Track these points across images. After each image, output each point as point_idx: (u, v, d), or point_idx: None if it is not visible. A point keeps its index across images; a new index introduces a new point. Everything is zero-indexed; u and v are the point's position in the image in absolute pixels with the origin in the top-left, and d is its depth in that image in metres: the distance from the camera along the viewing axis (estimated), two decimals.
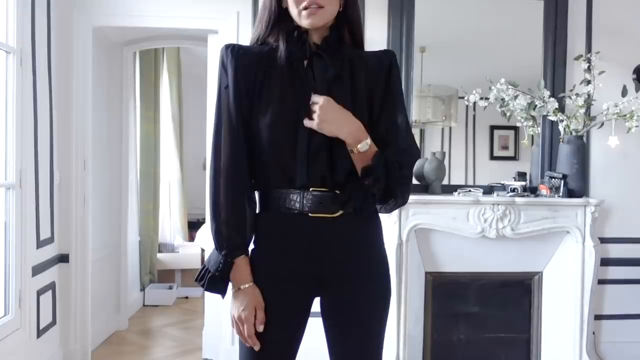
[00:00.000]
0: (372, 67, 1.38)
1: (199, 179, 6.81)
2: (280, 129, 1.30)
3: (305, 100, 1.30)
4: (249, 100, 1.33)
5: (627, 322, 3.37)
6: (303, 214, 1.31)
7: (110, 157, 3.77)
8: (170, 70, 5.26)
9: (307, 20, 1.30)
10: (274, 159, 1.32)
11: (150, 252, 4.76)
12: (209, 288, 1.35)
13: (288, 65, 1.33)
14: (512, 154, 3.57)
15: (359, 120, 1.31)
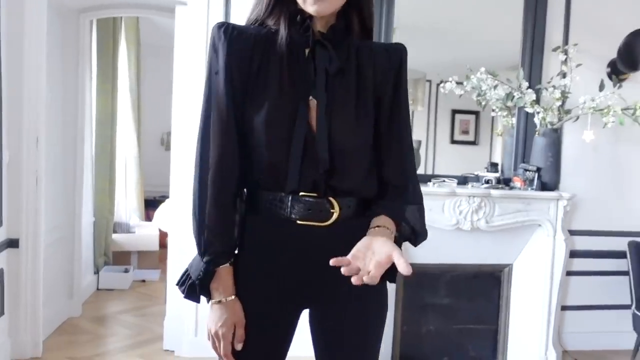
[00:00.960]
0: (382, 61, 1.25)
1: (156, 155, 6.56)
2: (275, 126, 1.16)
3: (303, 97, 1.17)
4: (242, 88, 1.18)
5: (590, 313, 3.43)
6: (291, 221, 1.18)
7: (63, 133, 3.51)
8: (128, 40, 4.97)
9: (313, 6, 1.14)
10: (265, 159, 1.18)
11: (105, 233, 4.53)
12: (188, 296, 1.22)
13: (288, 53, 1.18)
14: (472, 139, 3.55)
15: (366, 114, 1.21)
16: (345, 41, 1.22)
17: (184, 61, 3.11)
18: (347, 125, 1.19)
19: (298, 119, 1.16)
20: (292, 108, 1.16)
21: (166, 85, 5.64)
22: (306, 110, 1.16)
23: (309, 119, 1.17)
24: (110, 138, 4.51)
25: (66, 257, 3.64)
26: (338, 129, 1.18)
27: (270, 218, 1.20)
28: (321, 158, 1.16)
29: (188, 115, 3.07)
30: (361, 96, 1.22)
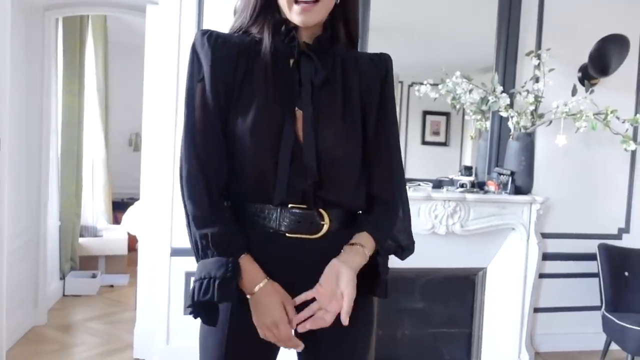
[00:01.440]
0: (367, 71, 1.23)
1: (124, 156, 6.41)
2: (261, 136, 1.12)
3: (288, 108, 1.14)
4: (226, 97, 1.14)
5: (561, 315, 3.47)
6: (280, 234, 1.15)
7: (28, 134, 3.38)
8: (95, 38, 4.83)
9: (299, 17, 1.12)
10: (251, 169, 1.14)
11: (72, 237, 4.39)
12: (221, 297, 1.08)
13: (272, 62, 1.15)
14: (442, 140, 3.56)
15: (353, 124, 1.18)
16: (330, 51, 1.20)
17: (154, 61, 3.03)
18: (334, 136, 1.16)
19: (285, 128, 1.13)
20: (278, 118, 1.13)
21: (135, 84, 5.51)
22: (292, 121, 1.14)
23: (296, 130, 1.14)
24: (77, 139, 4.37)
25: (31, 263, 3.51)
26: (325, 139, 1.15)
27: (258, 231, 1.16)
28: (309, 168, 1.13)
29: (159, 116, 2.99)
30: (347, 106, 1.20)
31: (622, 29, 3.22)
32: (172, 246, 3.01)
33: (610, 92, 3.32)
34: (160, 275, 3.01)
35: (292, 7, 1.13)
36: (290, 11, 1.13)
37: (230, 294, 1.09)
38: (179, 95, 2.97)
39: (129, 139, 6.65)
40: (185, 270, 3.01)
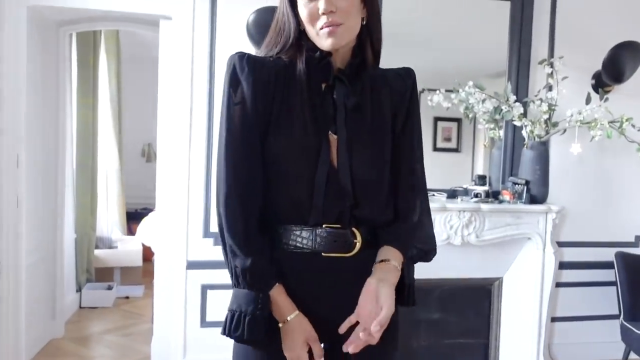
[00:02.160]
0: (396, 87, 1.29)
1: (137, 166, 6.47)
2: (298, 160, 1.18)
3: (323, 132, 1.19)
4: (264, 120, 1.19)
5: (579, 324, 3.44)
6: (316, 253, 1.18)
7: (43, 150, 3.42)
8: (108, 51, 4.88)
9: (327, 40, 1.17)
10: (287, 193, 1.19)
11: (87, 249, 4.43)
12: (250, 335, 1.14)
13: (307, 87, 1.20)
14: (454, 146, 3.55)
15: (385, 146, 1.24)
16: (360, 75, 1.25)
17: (169, 74, 3.05)
18: (366, 158, 1.22)
19: (321, 153, 1.18)
20: (315, 142, 1.18)
21: (147, 95, 5.58)
22: (328, 145, 1.19)
23: (330, 154, 1.19)
24: (91, 152, 4.42)
25: (48, 277, 3.54)
26: (358, 162, 1.20)
27: (293, 251, 1.20)
28: (345, 191, 1.18)
29: (174, 128, 3.02)
30: (378, 128, 1.25)
31: (635, 36, 3.19)
32: (187, 259, 3.02)
33: (625, 99, 3.30)
34: (177, 288, 3.03)
35: (319, 33, 1.17)
36: (318, 37, 1.18)
37: (258, 332, 1.13)
38: (192, 108, 3.00)
39: (141, 149, 6.71)
40: (201, 283, 3.03)
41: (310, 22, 1.18)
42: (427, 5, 3.26)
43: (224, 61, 3.03)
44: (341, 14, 1.16)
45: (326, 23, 1.16)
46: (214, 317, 3.03)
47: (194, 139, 3.02)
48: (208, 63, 2.98)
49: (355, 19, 1.20)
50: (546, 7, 3.28)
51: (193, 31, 2.96)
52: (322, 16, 1.16)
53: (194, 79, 3.00)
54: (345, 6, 1.17)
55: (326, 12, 1.15)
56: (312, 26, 1.19)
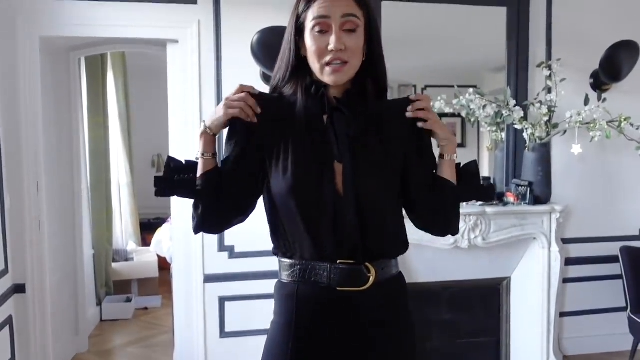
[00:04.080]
0: (401, 117, 1.29)
1: (148, 177, 6.53)
2: (302, 195, 1.20)
3: (326, 162, 1.22)
4: (266, 158, 1.25)
5: (587, 318, 3.53)
6: (331, 288, 1.23)
7: (60, 172, 3.53)
8: (115, 69, 4.98)
9: (330, 77, 1.22)
10: (297, 228, 1.23)
11: (106, 263, 4.55)
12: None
13: (307, 121, 1.24)
14: (459, 141, 3.62)
15: (392, 174, 1.27)
16: (362, 103, 1.27)
17: (177, 92, 3.14)
18: (374, 186, 1.23)
19: (325, 184, 1.20)
20: (317, 174, 1.21)
21: (154, 106, 5.68)
22: (332, 175, 1.21)
23: (335, 183, 1.21)
24: (104, 169, 4.53)
25: (70, 294, 3.67)
26: (365, 190, 1.21)
27: (310, 285, 1.24)
28: (350, 221, 1.20)
29: (184, 141, 3.11)
30: (384, 155, 1.26)
31: (631, 35, 3.26)
32: (204, 273, 3.13)
33: (623, 97, 3.37)
34: (196, 301, 3.14)
35: (324, 69, 1.22)
36: (321, 72, 1.23)
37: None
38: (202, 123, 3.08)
39: (151, 160, 6.82)
40: (218, 295, 3.14)
41: (317, 56, 1.21)
42: (426, 11, 3.32)
43: (231, 78, 3.14)
44: (348, 53, 1.21)
45: (333, 58, 1.20)
46: (233, 328, 3.14)
47: None
48: (215, 80, 3.07)
49: (359, 58, 1.24)
50: (542, 11, 3.35)
51: (200, 52, 3.05)
52: (331, 52, 1.20)
53: (202, 95, 3.09)
54: (353, 45, 1.21)
55: (336, 49, 1.19)
56: (317, 60, 1.22)
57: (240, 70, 3.04)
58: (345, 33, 1.21)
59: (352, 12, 1.22)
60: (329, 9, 1.20)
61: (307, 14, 1.23)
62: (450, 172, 1.32)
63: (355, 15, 1.22)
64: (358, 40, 1.23)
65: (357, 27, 1.23)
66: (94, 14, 2.91)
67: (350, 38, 1.21)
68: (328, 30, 1.21)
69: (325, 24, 1.21)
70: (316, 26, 1.21)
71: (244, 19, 3.02)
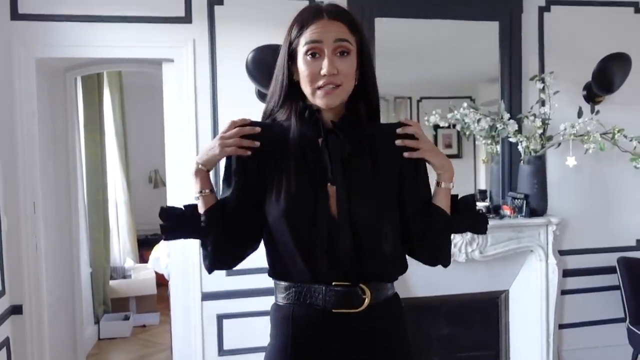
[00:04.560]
0: (394, 140, 1.30)
1: (145, 193, 6.58)
2: (296, 219, 1.22)
3: (320, 185, 1.23)
4: (259, 185, 1.26)
5: (587, 329, 3.52)
6: (326, 310, 1.23)
7: (57, 191, 3.54)
8: (111, 87, 5.01)
9: (322, 100, 1.23)
10: (292, 252, 1.23)
11: (103, 281, 4.54)
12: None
13: (301, 145, 1.25)
14: (455, 152, 3.64)
15: (386, 196, 1.26)
16: (356, 127, 1.28)
17: (173, 110, 3.15)
18: (367, 208, 1.23)
19: (318, 207, 1.21)
20: (311, 197, 1.22)
21: (150, 122, 5.71)
22: (325, 198, 1.22)
23: (329, 206, 1.22)
24: (101, 186, 4.54)
25: (68, 313, 3.65)
26: (359, 212, 1.22)
27: (305, 307, 1.24)
28: (343, 243, 1.21)
29: (181, 160, 3.11)
30: (379, 178, 1.27)
31: (622, 47, 3.29)
32: (202, 290, 3.12)
33: (616, 109, 3.38)
34: (194, 319, 3.13)
35: (316, 92, 1.23)
36: (313, 96, 1.24)
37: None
38: (199, 140, 3.09)
39: (148, 176, 6.82)
40: (217, 313, 3.13)
41: (310, 80, 1.22)
42: (419, 26, 3.34)
43: (226, 96, 3.15)
44: (341, 77, 1.22)
45: (325, 82, 1.20)
46: (231, 346, 3.13)
47: None
48: (210, 98, 3.08)
49: (351, 82, 1.25)
50: (533, 24, 3.38)
51: (195, 71, 3.07)
52: (323, 77, 1.20)
53: (198, 113, 3.09)
54: (346, 69, 1.22)
55: (329, 74, 1.20)
56: (309, 84, 1.23)
57: (235, 88, 3.06)
58: (337, 57, 1.22)
59: (345, 37, 1.23)
60: (321, 34, 1.22)
61: (300, 39, 1.24)
62: (445, 201, 1.32)
63: (348, 40, 1.23)
64: (350, 64, 1.24)
65: (350, 51, 1.24)
66: (90, 35, 2.93)
67: (342, 62, 1.22)
68: (321, 55, 1.22)
69: (318, 49, 1.22)
70: (309, 51, 1.22)
71: (238, 38, 3.05)
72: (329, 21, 1.23)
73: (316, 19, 1.23)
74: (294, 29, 1.26)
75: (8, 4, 2.84)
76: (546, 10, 3.40)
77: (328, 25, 1.23)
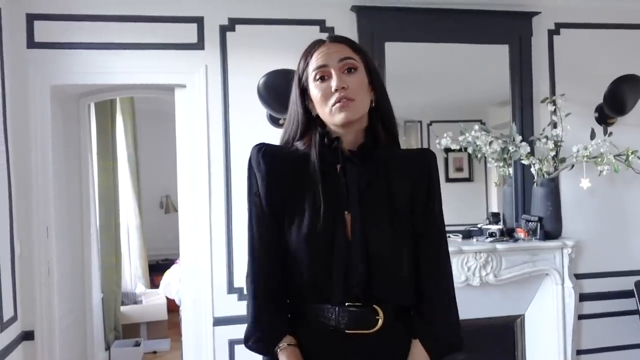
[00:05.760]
0: (412, 169, 1.32)
1: (156, 218, 6.60)
2: (315, 243, 1.24)
3: (338, 212, 1.25)
4: (280, 209, 1.28)
5: (604, 356, 3.43)
6: (339, 331, 1.24)
7: (70, 216, 3.55)
8: (124, 112, 5.07)
9: (340, 114, 1.24)
10: (308, 275, 1.25)
11: (114, 307, 4.52)
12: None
13: (321, 172, 1.27)
14: (467, 175, 3.62)
15: (401, 224, 1.27)
16: (373, 155, 1.29)
17: (185, 135, 3.17)
18: (382, 235, 1.25)
19: (336, 234, 1.23)
20: (330, 224, 1.24)
21: (162, 148, 5.76)
22: (342, 225, 1.24)
23: (346, 232, 1.25)
24: (113, 213, 4.56)
25: (79, 339, 3.64)
26: (373, 239, 1.24)
27: (318, 329, 1.26)
28: (357, 268, 1.23)
29: (193, 185, 3.12)
30: (394, 207, 1.29)
31: (633, 69, 3.28)
32: (214, 315, 3.10)
33: (629, 130, 3.37)
34: (205, 344, 3.10)
35: (332, 109, 1.25)
36: (331, 115, 1.25)
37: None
38: (211, 165, 3.11)
39: (159, 201, 6.85)
40: (228, 338, 3.10)
41: (324, 101, 1.25)
42: (429, 50, 3.36)
43: (238, 121, 3.18)
44: (352, 91, 1.24)
45: (339, 98, 1.23)
46: None
47: (213, 197, 3.13)
48: (223, 122, 3.10)
49: (365, 97, 1.28)
50: (544, 47, 3.39)
51: (207, 96, 3.09)
52: (335, 93, 1.24)
53: (210, 138, 3.11)
54: (355, 84, 1.25)
55: (338, 87, 1.23)
56: (324, 105, 1.25)
57: (247, 113, 3.08)
58: (345, 74, 1.26)
59: (349, 56, 1.27)
60: (325, 57, 1.26)
61: (307, 70, 1.29)
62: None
63: (352, 58, 1.27)
64: (360, 79, 1.27)
65: (357, 67, 1.28)
66: (104, 62, 2.97)
67: (351, 78, 1.26)
68: (329, 77, 1.26)
69: (325, 72, 1.26)
70: (317, 75, 1.26)
71: (249, 63, 3.08)
72: (332, 44, 1.28)
73: (318, 46, 1.29)
74: (300, 63, 1.31)
75: (24, 32, 2.90)
76: (556, 34, 3.42)
77: (331, 48, 1.28)
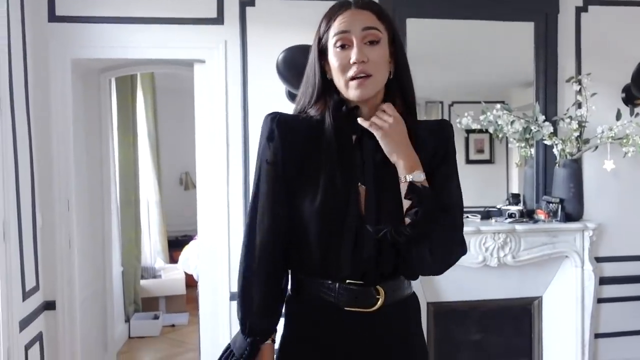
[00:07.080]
0: (429, 141, 1.27)
1: (176, 195, 6.66)
2: (328, 218, 1.19)
3: (352, 185, 1.21)
4: (293, 179, 1.23)
5: (624, 339, 3.40)
6: (337, 307, 1.22)
7: (90, 190, 3.60)
8: (144, 89, 5.10)
9: (355, 91, 1.19)
10: (317, 246, 1.21)
11: (134, 281, 4.60)
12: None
13: (336, 142, 1.22)
14: (487, 157, 3.57)
15: None
16: None
17: (204, 111, 3.17)
18: (394, 211, 1.20)
19: (350, 208, 1.19)
20: (344, 196, 1.20)
21: (182, 124, 5.79)
22: (356, 198, 1.20)
23: (359, 206, 1.20)
24: (134, 187, 4.61)
25: (99, 310, 3.71)
26: (386, 215, 1.20)
27: (315, 301, 1.24)
28: (367, 244, 1.19)
29: (211, 161, 3.13)
30: None
31: None
32: (231, 290, 3.13)
33: None
34: (222, 319, 3.14)
35: (349, 83, 1.19)
36: (347, 88, 1.20)
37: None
38: (229, 142, 3.11)
39: (179, 178, 6.90)
40: None
41: (341, 72, 1.19)
42: (452, 27, 3.29)
43: (257, 97, 3.17)
44: (371, 65, 1.18)
45: (356, 72, 1.17)
46: None
47: (231, 174, 3.13)
48: (241, 98, 3.09)
49: (384, 71, 1.22)
50: (570, 25, 3.30)
51: (226, 72, 3.08)
52: (353, 65, 1.18)
53: (228, 114, 3.11)
54: (376, 57, 1.19)
55: (358, 61, 1.17)
56: (341, 75, 1.20)
57: (266, 89, 3.06)
58: (367, 46, 1.19)
59: (373, 25, 1.20)
60: (349, 23, 1.20)
61: (329, 32, 1.22)
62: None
63: (376, 28, 1.21)
64: (381, 52, 1.20)
65: (379, 39, 1.21)
66: (124, 37, 2.97)
67: (372, 50, 1.19)
68: (350, 45, 1.19)
69: (347, 39, 1.20)
70: (338, 42, 1.20)
71: (269, 38, 3.05)
72: (357, 10, 1.21)
73: (343, 10, 1.22)
74: (322, 24, 1.24)
75: (46, 6, 2.91)
76: (583, 11, 3.31)
77: (356, 15, 1.20)
